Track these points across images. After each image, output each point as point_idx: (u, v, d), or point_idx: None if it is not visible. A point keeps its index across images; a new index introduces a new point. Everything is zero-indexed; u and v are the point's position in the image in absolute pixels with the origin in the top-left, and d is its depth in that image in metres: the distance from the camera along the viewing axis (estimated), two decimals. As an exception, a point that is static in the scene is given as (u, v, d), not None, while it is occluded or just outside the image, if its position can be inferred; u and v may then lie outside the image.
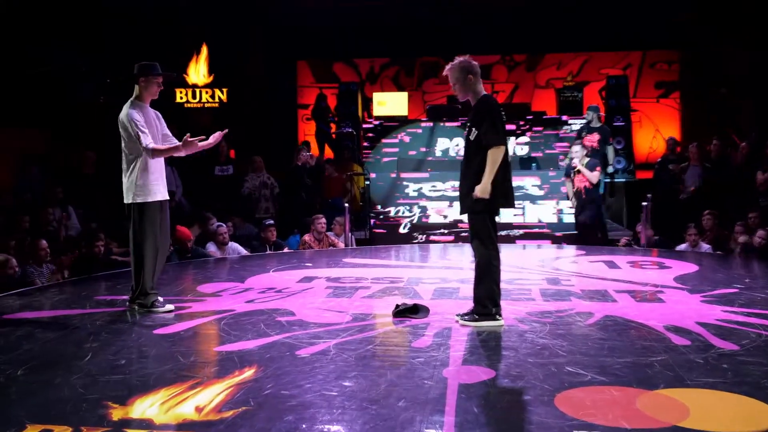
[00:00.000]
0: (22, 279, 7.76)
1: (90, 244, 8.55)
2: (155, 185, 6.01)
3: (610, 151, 12.34)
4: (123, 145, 5.97)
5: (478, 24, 15.08)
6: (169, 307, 6.06)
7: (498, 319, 5.39)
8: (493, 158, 5.20)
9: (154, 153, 5.88)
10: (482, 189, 5.22)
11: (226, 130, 6.22)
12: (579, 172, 10.12)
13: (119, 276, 7.94)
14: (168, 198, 6.23)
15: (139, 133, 5.80)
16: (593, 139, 11.87)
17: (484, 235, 5.36)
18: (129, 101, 6.00)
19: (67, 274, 8.39)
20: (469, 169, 5.34)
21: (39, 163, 12.27)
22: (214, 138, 6.15)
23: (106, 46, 13.19)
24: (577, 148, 10.29)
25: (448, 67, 5.43)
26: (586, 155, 10.36)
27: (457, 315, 5.55)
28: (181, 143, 5.93)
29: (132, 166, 5.94)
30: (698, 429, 3.42)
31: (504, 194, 5.35)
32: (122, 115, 5.92)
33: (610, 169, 12.42)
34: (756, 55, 13.53)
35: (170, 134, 6.20)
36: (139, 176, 5.92)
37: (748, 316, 5.68)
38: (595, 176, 10.07)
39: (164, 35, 14.22)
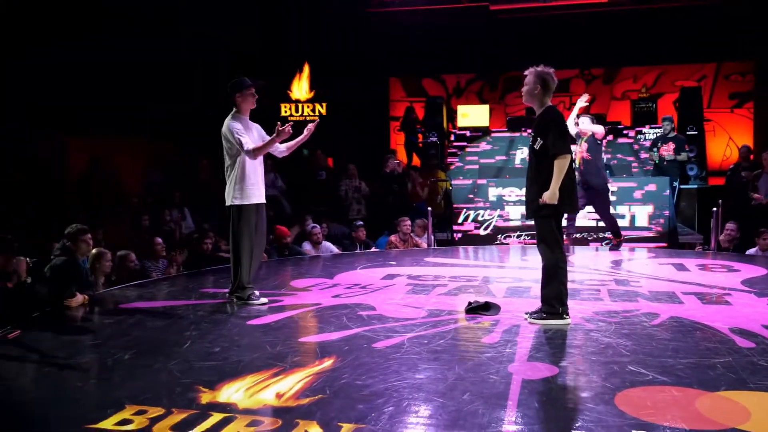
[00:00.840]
0: (141, 272, 7.99)
1: (199, 241, 8.72)
2: (252, 189, 6.05)
3: (683, 158, 11.81)
4: (224, 154, 6.07)
5: (559, 40, 14.71)
6: (263, 300, 6.09)
7: (565, 318, 5.18)
8: (560, 167, 5.02)
9: (255, 152, 5.93)
10: (550, 195, 5.03)
11: (318, 120, 6.23)
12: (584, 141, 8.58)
13: (224, 270, 8.02)
14: (264, 201, 6.24)
15: (240, 139, 5.89)
16: (669, 148, 11.44)
17: (551, 238, 5.15)
18: (230, 115, 6.07)
19: (180, 268, 8.58)
20: (538, 177, 5.15)
21: (162, 169, 12.69)
22: (308, 130, 6.16)
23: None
24: (585, 119, 8.66)
25: (530, 69, 5.29)
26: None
27: (526, 313, 5.36)
28: (274, 135, 5.95)
29: (232, 173, 6.02)
30: (759, 432, 3.16)
31: (569, 199, 5.15)
32: (224, 127, 6.02)
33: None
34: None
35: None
36: (238, 182, 5.99)
37: (817, 321, 5.27)
38: (599, 129, 8.57)
39: (270, 56, 14.46)
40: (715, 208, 9.64)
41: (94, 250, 6.92)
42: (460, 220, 10.82)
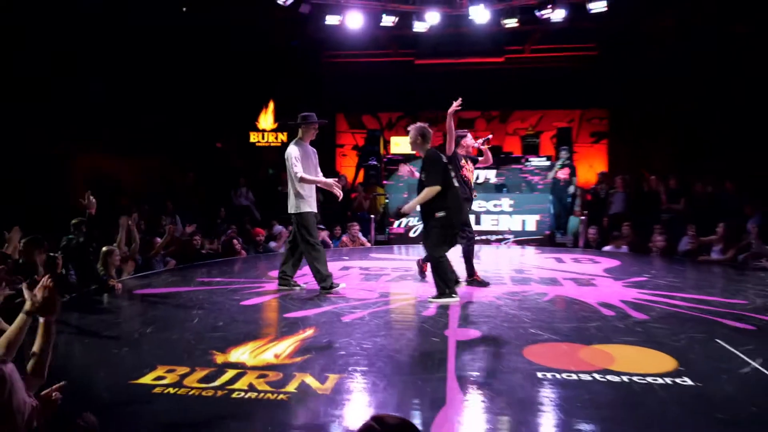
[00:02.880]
0: (144, 266, 7.86)
1: (190, 240, 8.72)
2: (311, 200, 5.92)
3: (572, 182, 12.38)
4: (287, 171, 5.92)
5: (467, 87, 15.01)
6: (342, 285, 6.05)
7: (453, 297, 5.38)
8: (425, 194, 5.33)
9: (302, 180, 5.82)
10: (409, 207, 5.47)
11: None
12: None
13: (211, 264, 8.07)
14: (315, 211, 6.00)
15: (294, 168, 5.80)
16: (566, 172, 11.88)
17: (436, 243, 5.40)
18: (294, 140, 5.95)
19: (172, 262, 8.36)
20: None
21: (157, 182, 12.47)
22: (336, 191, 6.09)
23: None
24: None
25: (411, 126, 5.54)
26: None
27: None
28: (325, 181, 5.94)
29: (295, 187, 5.87)
30: (621, 371, 3.52)
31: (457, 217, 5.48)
32: (288, 150, 5.88)
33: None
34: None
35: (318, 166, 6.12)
36: (299, 193, 5.86)
37: (654, 296, 5.75)
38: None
39: (238, 92, 14.35)
40: (582, 217, 10.25)
41: (104, 248, 6.54)
42: (395, 225, 11.11)
